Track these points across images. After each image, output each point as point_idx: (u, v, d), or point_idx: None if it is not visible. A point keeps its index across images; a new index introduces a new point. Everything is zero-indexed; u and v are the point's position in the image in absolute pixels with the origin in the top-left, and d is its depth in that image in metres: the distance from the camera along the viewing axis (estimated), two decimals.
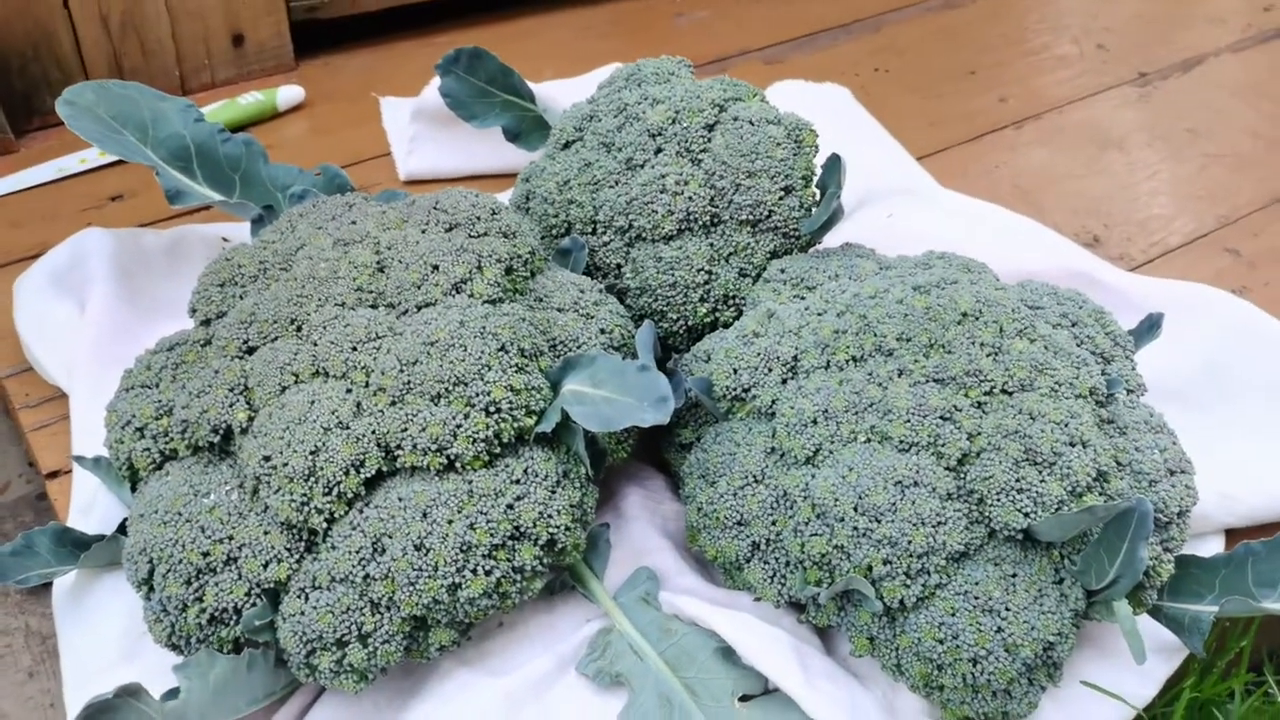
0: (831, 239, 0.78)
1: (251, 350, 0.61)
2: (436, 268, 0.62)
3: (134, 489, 0.63)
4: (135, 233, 0.89)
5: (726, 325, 0.72)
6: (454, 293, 0.61)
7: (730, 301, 0.73)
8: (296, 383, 0.59)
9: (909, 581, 0.54)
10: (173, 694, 0.52)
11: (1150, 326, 0.66)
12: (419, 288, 0.61)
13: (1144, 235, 1.02)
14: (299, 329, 0.61)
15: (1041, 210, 1.03)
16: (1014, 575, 0.55)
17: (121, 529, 0.63)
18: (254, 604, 0.55)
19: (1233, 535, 0.70)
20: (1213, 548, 0.68)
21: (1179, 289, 0.84)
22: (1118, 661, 0.62)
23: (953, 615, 0.54)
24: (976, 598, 0.54)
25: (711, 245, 0.73)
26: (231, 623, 0.55)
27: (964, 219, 0.95)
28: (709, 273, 0.72)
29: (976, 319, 0.60)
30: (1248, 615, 0.62)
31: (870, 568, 0.54)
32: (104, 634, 0.63)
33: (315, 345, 0.59)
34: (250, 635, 0.55)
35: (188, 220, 0.98)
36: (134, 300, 0.82)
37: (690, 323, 0.73)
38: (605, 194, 0.74)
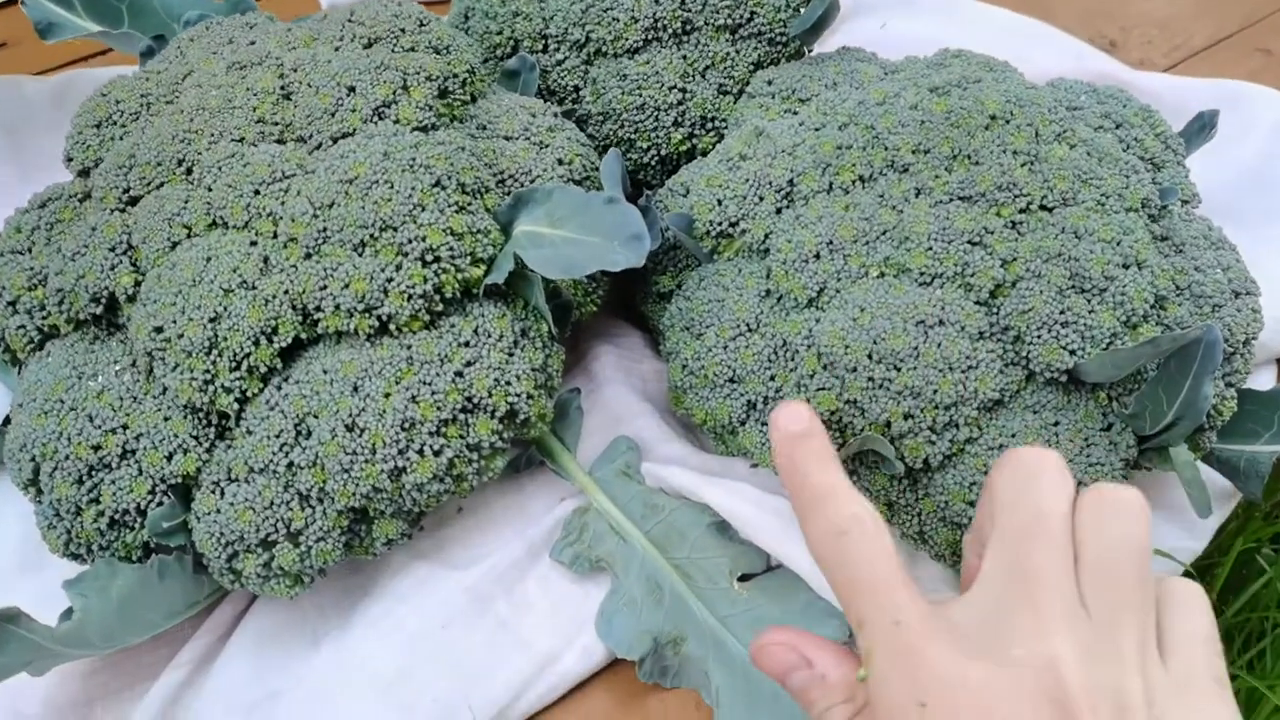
0: (820, 49, 0.67)
1: (134, 201, 0.50)
2: (353, 90, 0.51)
3: (20, 374, 0.54)
4: (16, 80, 0.77)
5: (705, 153, 0.62)
6: (375, 119, 0.50)
7: (709, 124, 0.62)
8: (189, 236, 0.48)
9: (934, 437, 0.46)
10: (69, 615, 0.43)
11: (1202, 127, 0.57)
12: (332, 115, 0.50)
13: (1165, 37, 0.90)
14: (189, 172, 0.50)
15: (1049, 13, 0.92)
16: (1056, 424, 0.47)
17: (8, 421, 0.54)
18: (160, 503, 0.46)
19: None
20: (1265, 379, 0.61)
21: (1219, 88, 0.74)
22: (1165, 513, 0.55)
23: (985, 474, 0.46)
24: None
25: (684, 58, 0.62)
26: (136, 526, 0.47)
27: (967, 25, 0.84)
28: (683, 90, 0.62)
29: (1007, 122, 0.50)
30: None
31: (889, 424, 0.46)
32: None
33: (209, 190, 0.49)
34: (160, 539, 0.46)
35: (79, 68, 0.85)
36: (16, 157, 0.71)
37: (663, 151, 0.63)
38: (556, 1, 0.62)
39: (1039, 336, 0.46)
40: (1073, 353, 0.46)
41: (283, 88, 0.52)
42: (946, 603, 0.34)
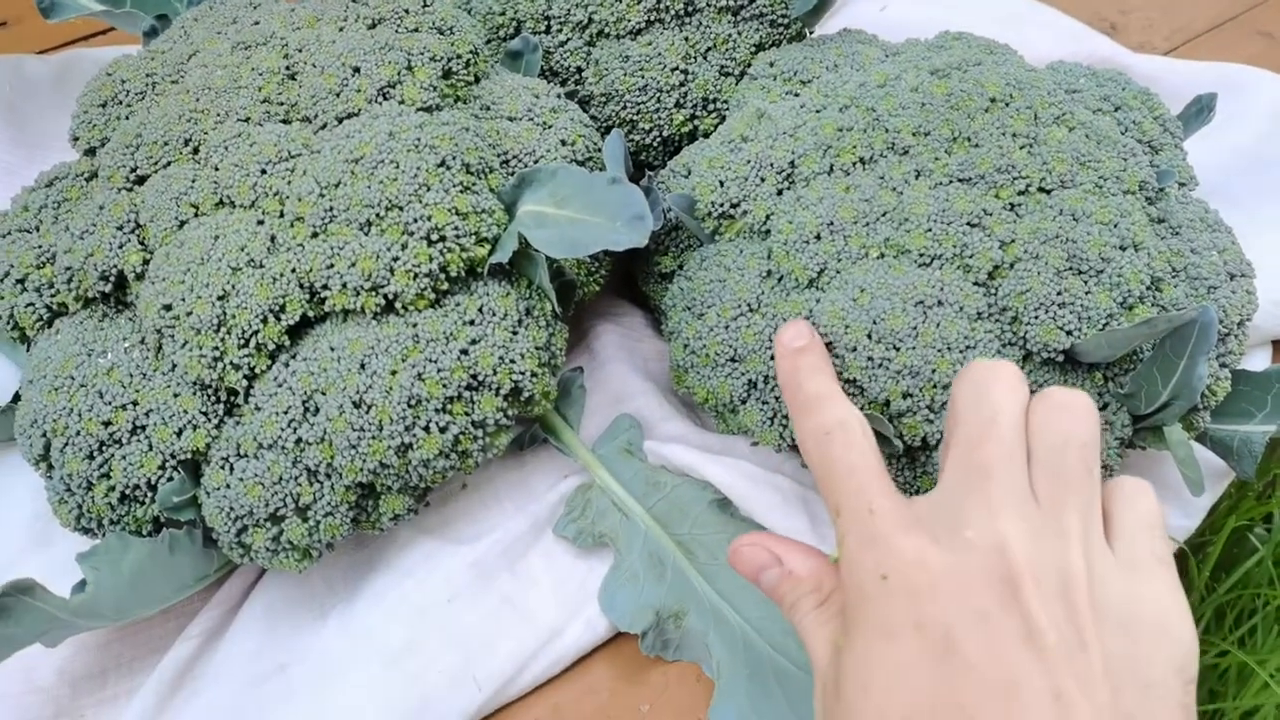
0: (821, 31, 0.67)
1: (141, 180, 0.51)
2: (358, 70, 0.51)
3: (30, 351, 0.54)
4: (17, 60, 0.77)
5: (707, 135, 0.62)
6: (380, 99, 0.51)
7: (711, 105, 0.63)
8: (196, 215, 0.49)
9: (933, 416, 0.47)
10: (82, 587, 0.44)
11: (1200, 110, 0.57)
12: (338, 95, 0.51)
13: (1167, 20, 0.91)
14: (195, 151, 0.51)
15: None
16: None
17: (18, 398, 0.54)
18: (170, 478, 0.47)
19: None
20: (1260, 361, 0.61)
21: (1218, 71, 0.74)
22: (1159, 493, 0.55)
23: None
24: None
25: (686, 39, 0.62)
26: (146, 501, 0.47)
27: (967, 7, 0.84)
28: (685, 72, 0.62)
29: (1006, 105, 0.51)
30: None
31: (888, 402, 0.47)
32: (11, 519, 0.55)
33: (216, 170, 0.49)
34: (170, 514, 0.47)
35: (81, 47, 0.85)
36: (18, 137, 0.71)
37: (665, 132, 0.63)
38: None
39: (1036, 317, 0.47)
40: (1069, 333, 0.46)
41: (288, 68, 0.53)
42: (915, 499, 0.37)
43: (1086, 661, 0.32)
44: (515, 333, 0.48)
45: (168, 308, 0.46)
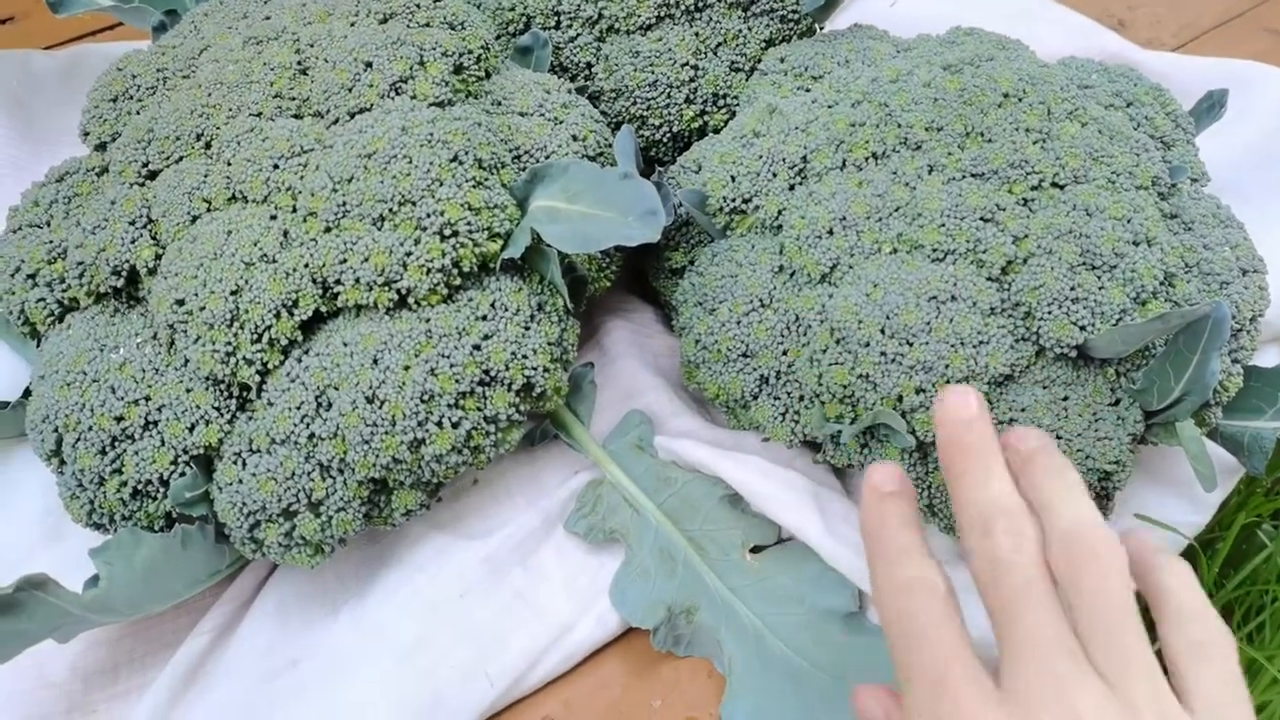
0: (831, 28, 0.67)
1: (153, 175, 0.51)
2: (370, 65, 0.51)
3: (41, 347, 0.54)
4: (25, 55, 0.77)
5: (717, 130, 0.62)
6: (392, 94, 0.51)
7: (721, 101, 0.63)
8: (209, 210, 0.49)
9: None
10: (94, 582, 0.44)
11: (1211, 106, 0.57)
12: (350, 90, 0.51)
13: (1174, 16, 0.91)
14: (207, 146, 0.50)
15: None
16: (1065, 399, 0.47)
17: (29, 393, 0.54)
18: (182, 473, 0.47)
19: None
20: (1271, 357, 0.61)
21: (1226, 67, 0.74)
22: (1169, 488, 0.56)
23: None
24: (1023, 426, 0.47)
25: (697, 35, 0.62)
26: (159, 496, 0.47)
27: (976, 3, 0.84)
28: (695, 68, 0.62)
29: (1019, 100, 0.51)
30: None
31: (901, 398, 0.47)
32: (22, 514, 0.55)
33: (229, 165, 0.49)
34: (183, 509, 0.47)
35: (88, 42, 0.85)
36: (27, 132, 0.71)
37: (675, 128, 0.63)
38: None
39: (1049, 312, 0.46)
40: (1083, 328, 0.46)
41: (299, 63, 0.52)
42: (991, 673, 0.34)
43: None
44: (527, 328, 0.48)
45: (180, 303, 0.46)
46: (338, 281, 0.46)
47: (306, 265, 0.46)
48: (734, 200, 0.54)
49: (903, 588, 0.35)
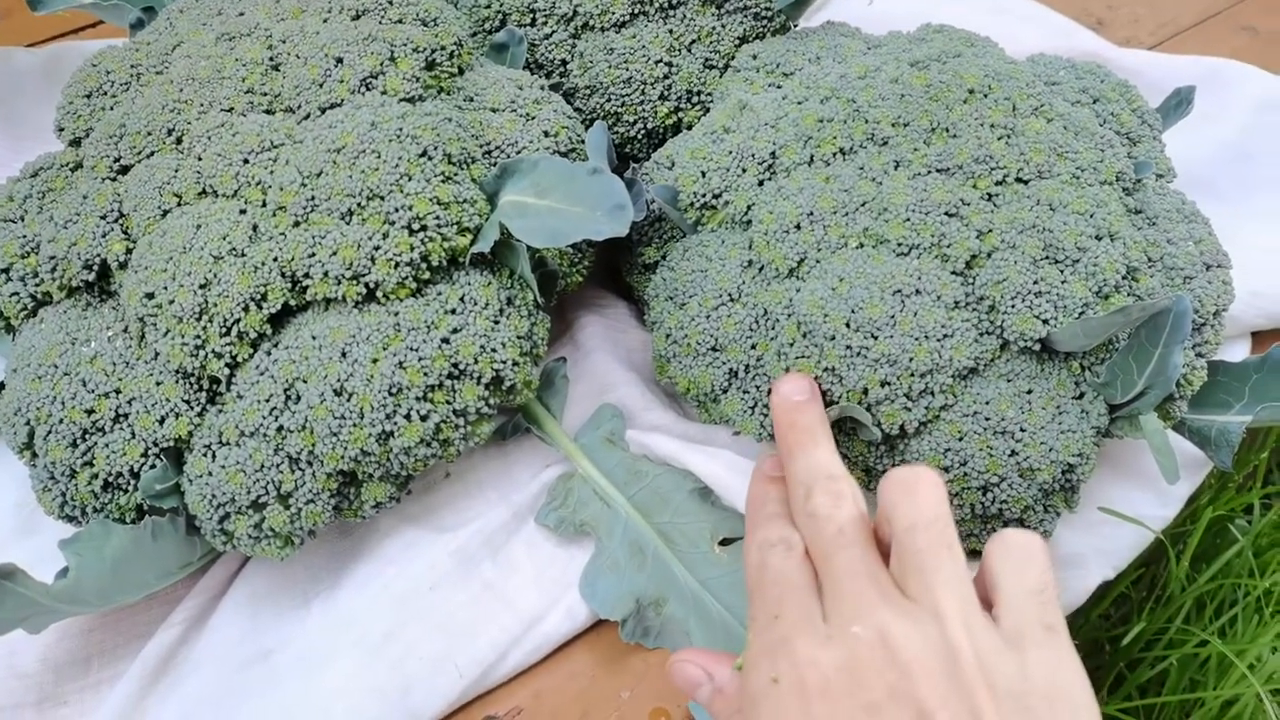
0: (808, 25, 0.67)
1: (125, 170, 0.51)
2: (340, 61, 0.52)
3: (14, 340, 0.54)
4: (6, 52, 0.78)
5: (691, 126, 0.63)
6: (363, 90, 0.51)
7: (695, 98, 0.63)
8: (179, 205, 0.49)
9: (910, 404, 0.47)
10: (65, 573, 0.44)
11: (1179, 103, 0.57)
12: (320, 86, 0.51)
13: (1153, 15, 0.91)
14: (178, 141, 0.51)
15: None
16: (1029, 391, 0.48)
17: (1, 387, 0.55)
18: (153, 466, 0.47)
19: (1260, 338, 0.63)
20: (1239, 352, 0.62)
21: (1203, 65, 0.75)
22: (1136, 481, 0.56)
23: (960, 439, 0.47)
24: (987, 419, 0.47)
25: (671, 32, 0.62)
26: (129, 488, 0.48)
27: (955, 1, 0.85)
28: (669, 64, 0.62)
29: (985, 96, 0.51)
30: None
31: (866, 391, 0.47)
32: None
33: (199, 160, 0.49)
34: (153, 501, 0.47)
35: (70, 40, 0.85)
36: (8, 128, 0.71)
37: (650, 125, 0.63)
38: None
39: (1013, 306, 0.47)
40: (1046, 322, 0.47)
41: (271, 59, 0.53)
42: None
43: None
44: (497, 322, 0.48)
45: (150, 296, 0.47)
46: (306, 275, 0.47)
47: (275, 259, 0.47)
48: (704, 196, 0.55)
49: (765, 545, 0.39)
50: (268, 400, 0.46)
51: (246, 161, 0.49)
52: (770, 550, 0.39)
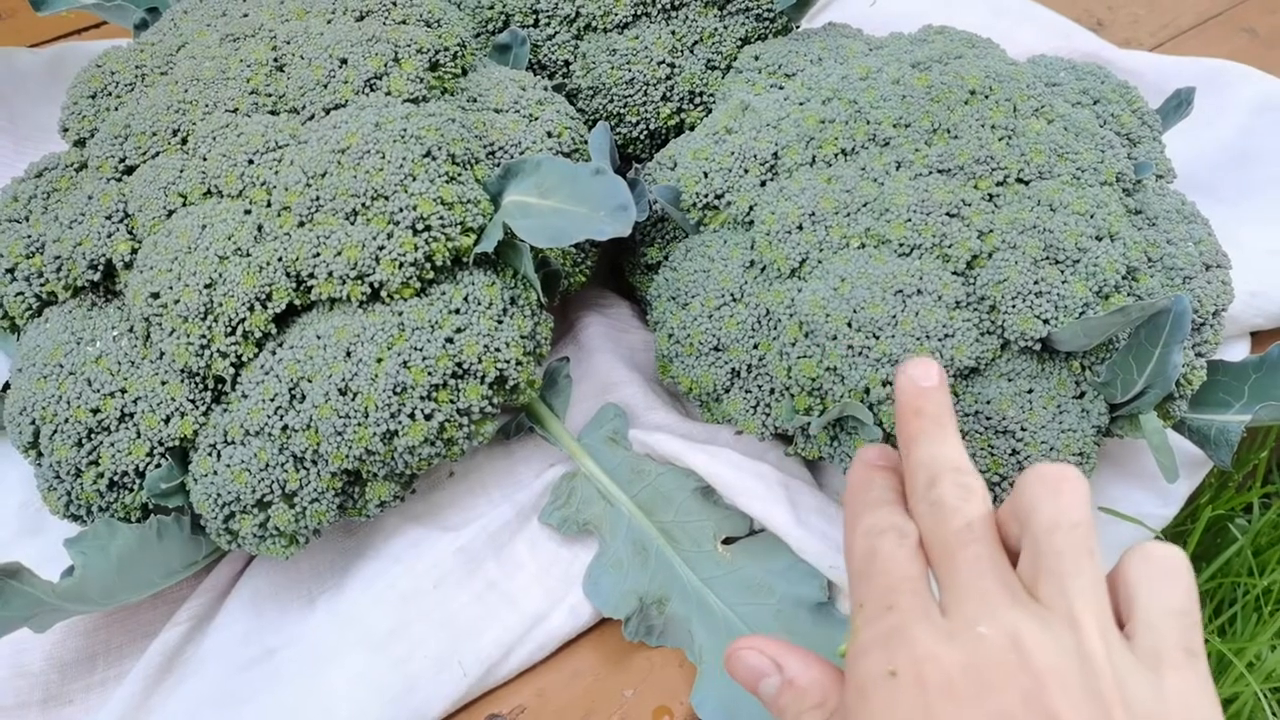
0: (810, 26, 0.67)
1: (130, 170, 0.51)
2: (344, 62, 0.52)
3: (19, 340, 0.55)
4: (9, 53, 0.78)
5: (694, 127, 0.63)
6: (367, 90, 0.51)
7: (697, 99, 0.63)
8: (184, 205, 0.49)
9: None
10: (70, 572, 0.45)
11: (1179, 104, 0.58)
12: (325, 86, 0.51)
13: (1153, 16, 0.91)
14: (184, 141, 0.51)
15: None
16: (1030, 391, 0.48)
17: (7, 387, 0.55)
18: (158, 465, 0.47)
19: (1259, 337, 0.64)
20: (1239, 352, 0.62)
21: (1202, 66, 0.75)
22: (1137, 480, 0.56)
23: (962, 438, 0.48)
24: (988, 418, 0.47)
25: (673, 33, 0.63)
26: (135, 487, 0.48)
27: (956, 3, 0.85)
28: (671, 65, 0.63)
29: (986, 97, 0.52)
30: None
31: (868, 390, 0.47)
32: (1, 507, 0.55)
33: (204, 160, 0.50)
34: (158, 500, 0.48)
35: (73, 40, 0.86)
36: (11, 128, 0.71)
37: (652, 125, 0.64)
38: None
39: (1014, 306, 0.47)
40: (1046, 321, 0.47)
41: (276, 59, 0.53)
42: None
43: None
44: (500, 322, 0.49)
45: (155, 296, 0.47)
46: (311, 275, 0.47)
47: (280, 259, 0.47)
48: (707, 196, 0.55)
49: (874, 531, 0.36)
50: (273, 399, 0.46)
51: (251, 162, 0.49)
52: (881, 537, 0.36)
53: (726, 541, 0.52)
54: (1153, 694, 0.31)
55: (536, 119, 0.56)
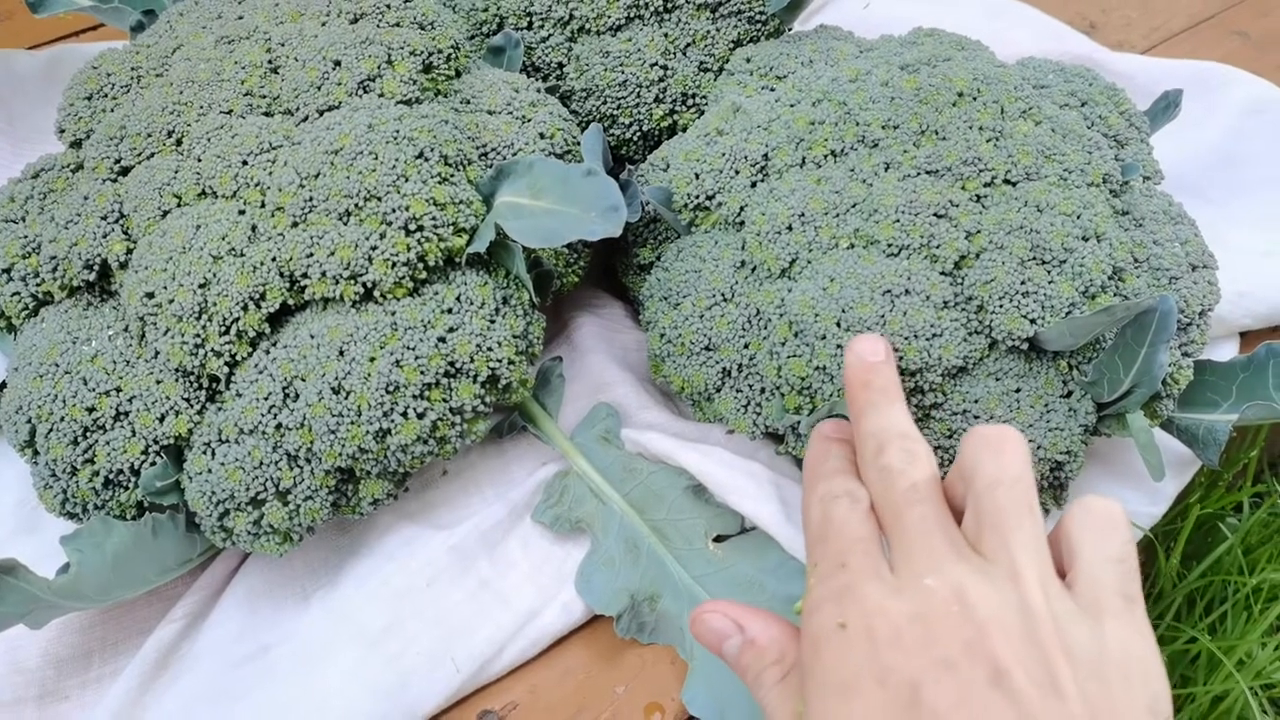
0: (803, 29, 0.68)
1: (125, 171, 0.52)
2: (338, 64, 0.52)
3: (16, 340, 0.55)
4: (7, 55, 0.78)
5: (686, 129, 0.63)
6: (360, 92, 0.52)
7: (690, 100, 0.64)
8: (179, 205, 0.50)
9: None
10: (66, 569, 0.45)
11: (1167, 106, 0.58)
12: (318, 88, 0.52)
13: (1145, 19, 0.92)
14: (178, 143, 0.51)
15: None
16: (1018, 390, 0.48)
17: (3, 386, 0.55)
18: (153, 463, 0.48)
19: (1248, 338, 0.64)
20: (1227, 352, 0.62)
21: (1193, 69, 0.76)
22: (1125, 480, 0.57)
23: (950, 437, 0.48)
24: (976, 417, 0.48)
25: (666, 35, 0.63)
26: (130, 485, 0.48)
27: (950, 6, 0.85)
28: (664, 68, 0.63)
29: (974, 99, 0.52)
30: (1271, 421, 0.56)
31: None
32: None
33: (199, 161, 0.50)
34: (153, 498, 0.48)
35: (70, 42, 0.86)
36: (8, 130, 0.72)
37: (645, 127, 0.64)
38: None
39: (1001, 306, 0.48)
40: (1033, 321, 0.47)
41: (270, 61, 0.53)
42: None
43: (1063, 709, 0.31)
44: (492, 321, 0.49)
45: (150, 295, 0.47)
46: (304, 275, 0.47)
47: (274, 259, 0.47)
48: (698, 197, 0.55)
49: (828, 497, 0.39)
50: (266, 398, 0.47)
51: (245, 163, 0.49)
52: (834, 502, 0.38)
53: (718, 539, 0.53)
54: (1093, 639, 0.32)
55: (529, 120, 0.56)
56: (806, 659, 0.35)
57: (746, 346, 0.52)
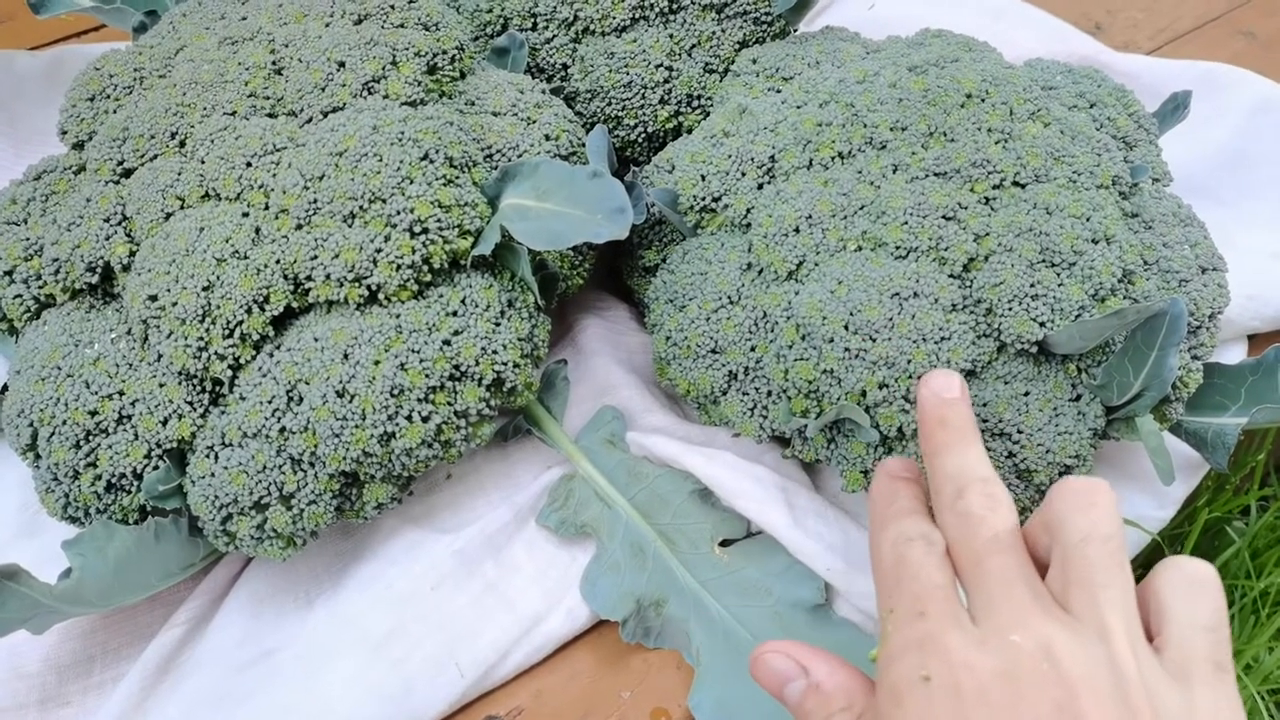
0: (808, 30, 0.68)
1: (128, 173, 0.52)
2: (343, 65, 0.52)
3: (18, 342, 0.55)
4: (8, 56, 0.78)
5: (692, 130, 0.63)
6: (365, 94, 0.52)
7: (695, 102, 0.63)
8: (182, 208, 0.49)
9: (908, 406, 0.47)
10: (68, 574, 0.45)
11: (1176, 107, 0.58)
12: (323, 90, 0.51)
13: (1151, 20, 0.92)
14: (182, 144, 0.51)
15: None
16: (1026, 394, 0.48)
17: (5, 389, 0.55)
18: (155, 467, 0.47)
19: (1256, 340, 0.64)
20: (1235, 355, 0.62)
21: (1200, 69, 0.75)
22: (1134, 483, 0.56)
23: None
24: (985, 420, 0.47)
25: (671, 36, 0.63)
26: (132, 489, 0.48)
27: (955, 6, 0.85)
28: (669, 69, 0.63)
29: (982, 101, 0.52)
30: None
31: (864, 393, 0.47)
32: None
33: (202, 163, 0.50)
34: (156, 502, 0.48)
35: (72, 43, 0.86)
36: (10, 131, 0.72)
37: (650, 129, 0.64)
38: None
39: (1010, 309, 0.47)
40: (1042, 324, 0.47)
41: (274, 62, 0.53)
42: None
43: None
44: (497, 324, 0.49)
45: (153, 298, 0.47)
46: (309, 278, 0.47)
47: (278, 261, 0.47)
48: (704, 199, 0.55)
49: (902, 539, 0.37)
50: (270, 402, 0.46)
51: (249, 165, 0.49)
52: (909, 545, 0.37)
53: (724, 543, 0.52)
54: (1182, 706, 0.31)
55: (534, 122, 0.56)
56: (885, 709, 0.34)
57: (753, 349, 0.51)
